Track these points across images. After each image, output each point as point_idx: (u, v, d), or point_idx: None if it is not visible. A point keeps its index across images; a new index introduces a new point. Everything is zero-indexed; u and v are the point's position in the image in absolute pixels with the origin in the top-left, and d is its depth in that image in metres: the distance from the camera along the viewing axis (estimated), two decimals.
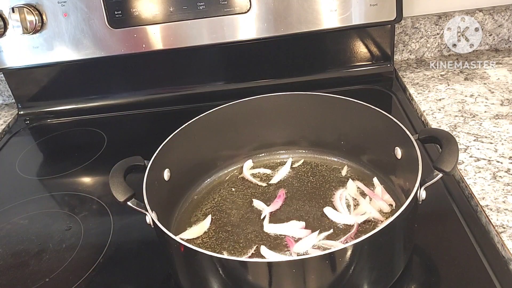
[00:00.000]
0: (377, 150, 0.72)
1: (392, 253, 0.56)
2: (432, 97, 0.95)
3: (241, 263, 0.51)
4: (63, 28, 0.93)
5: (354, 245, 0.48)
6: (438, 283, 0.58)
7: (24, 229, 0.78)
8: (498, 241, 0.61)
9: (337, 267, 0.50)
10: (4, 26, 0.92)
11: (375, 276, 0.55)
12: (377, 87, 1.04)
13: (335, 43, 1.05)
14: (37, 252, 0.72)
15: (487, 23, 1.07)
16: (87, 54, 0.96)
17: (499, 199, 0.66)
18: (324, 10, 0.93)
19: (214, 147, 0.78)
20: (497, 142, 0.78)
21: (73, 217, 0.78)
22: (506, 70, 1.00)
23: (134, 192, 0.57)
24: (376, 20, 0.95)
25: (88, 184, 0.87)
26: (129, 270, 0.67)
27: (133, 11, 0.91)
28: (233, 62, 1.07)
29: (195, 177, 0.77)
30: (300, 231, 0.66)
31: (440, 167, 0.54)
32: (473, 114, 0.87)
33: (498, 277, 0.57)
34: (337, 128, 0.77)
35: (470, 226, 0.65)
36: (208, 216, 0.71)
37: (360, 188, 0.72)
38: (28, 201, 0.84)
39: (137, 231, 0.72)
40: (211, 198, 0.75)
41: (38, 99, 1.10)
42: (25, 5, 0.90)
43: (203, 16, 0.92)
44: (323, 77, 1.07)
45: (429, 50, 1.11)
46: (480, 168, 0.73)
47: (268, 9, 0.92)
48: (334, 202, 0.70)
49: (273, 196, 0.73)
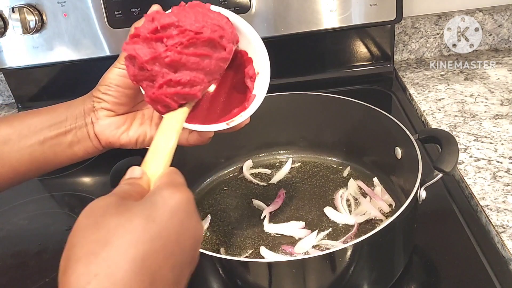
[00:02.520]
0: (377, 150, 0.72)
1: (392, 253, 0.56)
2: (432, 97, 0.95)
3: (241, 263, 0.51)
4: (63, 28, 0.93)
5: (354, 245, 0.48)
6: (438, 283, 0.59)
7: (24, 229, 0.78)
8: (498, 241, 0.61)
9: (337, 267, 0.50)
10: (4, 26, 0.92)
11: (375, 276, 0.55)
12: (377, 87, 1.04)
13: (335, 43, 1.05)
14: (37, 252, 0.72)
15: (487, 23, 1.07)
16: (87, 54, 0.96)
17: (499, 199, 0.66)
18: (324, 10, 0.93)
19: (214, 147, 0.77)
20: (497, 142, 0.78)
21: (73, 217, 0.78)
22: (506, 70, 1.00)
23: None
24: (376, 20, 0.95)
25: (88, 184, 0.87)
26: None
27: (133, 11, 0.91)
28: None
29: (195, 177, 0.77)
30: (300, 231, 0.66)
31: (440, 167, 0.54)
32: (473, 114, 0.87)
33: (498, 277, 0.57)
34: (337, 128, 0.77)
35: (470, 226, 0.65)
36: (208, 216, 0.71)
37: (361, 188, 0.72)
38: (28, 201, 0.84)
39: None
40: (211, 198, 0.75)
41: (38, 99, 1.10)
42: (25, 5, 0.89)
43: None
44: (323, 77, 1.07)
45: (429, 50, 1.11)
46: (480, 168, 0.73)
47: (268, 9, 0.92)
48: (335, 202, 0.70)
49: (273, 196, 0.73)
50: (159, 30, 0.43)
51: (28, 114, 0.52)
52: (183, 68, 0.44)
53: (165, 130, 0.44)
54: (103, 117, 0.51)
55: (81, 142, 0.52)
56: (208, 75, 0.46)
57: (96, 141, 0.52)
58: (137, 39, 0.43)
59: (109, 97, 0.50)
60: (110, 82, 0.50)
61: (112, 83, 0.50)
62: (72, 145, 0.51)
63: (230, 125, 0.49)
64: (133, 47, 0.43)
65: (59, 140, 0.51)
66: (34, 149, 0.50)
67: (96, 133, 0.52)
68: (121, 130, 0.52)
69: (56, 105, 0.53)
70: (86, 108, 0.51)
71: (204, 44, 0.45)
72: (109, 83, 0.50)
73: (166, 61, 0.43)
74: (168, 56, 0.43)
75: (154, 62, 0.43)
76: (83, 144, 0.52)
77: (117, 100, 0.50)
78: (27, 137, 0.50)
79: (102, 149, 0.53)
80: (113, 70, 0.50)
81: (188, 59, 0.44)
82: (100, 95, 0.50)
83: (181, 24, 0.43)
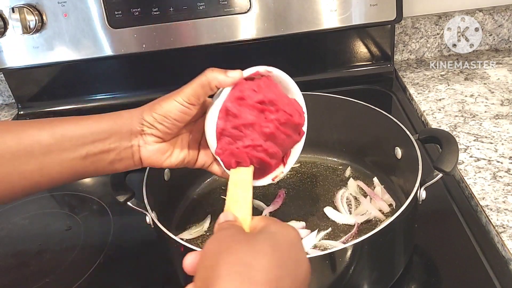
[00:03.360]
0: (377, 150, 0.72)
1: (392, 253, 0.56)
2: (432, 97, 0.95)
3: None
4: (63, 28, 0.93)
5: (354, 245, 0.48)
6: (438, 283, 0.59)
7: (24, 229, 0.78)
8: (498, 241, 0.61)
9: (337, 267, 0.50)
10: (4, 26, 0.92)
11: (375, 276, 0.55)
12: (377, 87, 1.04)
13: (335, 43, 1.05)
14: (37, 252, 0.72)
15: (487, 23, 1.07)
16: (87, 54, 0.96)
17: (499, 199, 0.66)
18: (324, 10, 0.93)
19: None
20: (497, 142, 0.78)
21: (73, 217, 0.78)
22: (506, 70, 1.00)
23: (134, 192, 0.57)
24: (376, 20, 0.95)
25: (88, 184, 0.87)
26: (129, 270, 0.67)
27: (133, 11, 0.91)
28: (233, 62, 1.07)
29: (195, 177, 0.77)
30: (300, 231, 0.66)
31: (440, 167, 0.54)
32: (473, 114, 0.87)
33: (498, 277, 0.57)
34: (337, 128, 0.77)
35: (470, 226, 0.65)
36: (208, 216, 0.71)
37: (361, 187, 0.72)
38: (28, 201, 0.84)
39: (137, 231, 0.72)
40: (211, 198, 0.75)
41: (38, 99, 1.10)
42: (25, 5, 0.89)
43: (203, 16, 0.91)
44: (323, 77, 1.07)
45: (429, 50, 1.11)
46: (480, 168, 0.73)
47: (268, 9, 0.92)
48: (335, 202, 0.70)
49: (273, 196, 0.73)
50: (265, 103, 0.50)
51: (69, 123, 0.51)
52: (273, 141, 0.51)
53: (240, 183, 0.49)
54: (152, 143, 0.52)
55: (124, 161, 0.52)
56: (283, 151, 0.54)
57: (139, 162, 0.53)
58: (242, 102, 0.49)
59: (164, 127, 0.51)
60: (168, 115, 0.50)
61: (170, 117, 0.50)
62: (113, 163, 0.52)
63: (275, 181, 0.56)
64: (238, 108, 0.49)
65: (102, 157, 0.51)
66: (76, 162, 0.50)
67: (141, 156, 0.52)
68: (165, 156, 0.53)
69: (98, 116, 0.52)
70: (134, 129, 0.51)
71: (291, 126, 0.53)
72: (167, 115, 0.50)
73: (264, 131, 0.50)
74: (268, 127, 0.50)
75: (252, 127, 0.49)
76: (125, 163, 0.52)
77: (170, 131, 0.51)
78: (69, 150, 0.49)
79: (141, 167, 0.54)
80: (173, 104, 0.50)
81: (279, 135, 0.51)
82: (154, 122, 0.51)
83: (277, 103, 0.51)
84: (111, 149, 0.51)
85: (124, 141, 0.51)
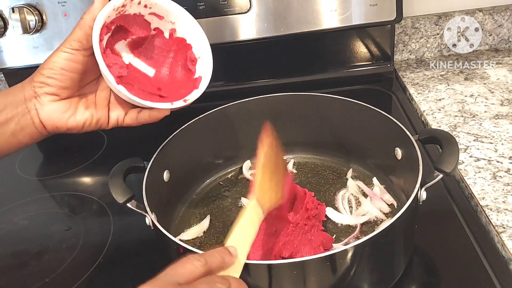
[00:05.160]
0: (377, 150, 0.72)
1: (392, 254, 0.56)
2: (432, 97, 0.94)
3: None
4: (63, 28, 0.93)
5: (354, 246, 0.48)
6: (439, 283, 0.59)
7: (24, 229, 0.78)
8: (498, 241, 0.61)
9: (338, 268, 0.50)
10: (4, 26, 0.92)
11: (376, 277, 0.55)
12: (377, 87, 1.04)
13: (335, 43, 1.05)
14: (37, 252, 0.72)
15: (487, 23, 1.07)
16: None
17: (499, 199, 0.66)
18: (324, 10, 0.93)
19: (214, 147, 0.78)
20: (497, 142, 0.78)
21: (73, 217, 0.78)
22: (506, 70, 1.00)
23: (133, 193, 0.57)
24: (376, 20, 0.95)
25: (88, 184, 0.87)
26: (129, 270, 0.67)
27: None
28: (233, 62, 1.07)
29: (195, 178, 0.77)
30: None
31: (440, 168, 0.54)
32: (473, 114, 0.87)
33: (498, 277, 0.57)
34: (337, 128, 0.77)
35: (470, 226, 0.65)
36: (207, 216, 0.71)
37: (361, 188, 0.72)
38: (28, 201, 0.84)
39: (136, 231, 0.72)
40: (210, 198, 0.75)
41: None
42: (25, 5, 0.89)
43: (203, 16, 0.91)
44: (323, 77, 1.07)
45: (429, 50, 1.11)
46: (480, 168, 0.73)
47: (268, 9, 0.92)
48: (336, 203, 0.70)
49: None
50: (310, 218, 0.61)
51: None
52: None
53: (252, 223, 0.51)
54: (48, 102, 0.51)
55: (25, 129, 0.51)
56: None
57: (41, 127, 0.52)
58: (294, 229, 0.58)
59: (54, 80, 0.50)
60: (55, 66, 0.50)
61: (57, 67, 0.50)
62: (15, 134, 0.51)
63: (187, 102, 0.57)
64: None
65: (1, 130, 0.50)
66: None
67: (41, 119, 0.51)
68: (67, 115, 0.52)
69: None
70: (27, 94, 0.51)
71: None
72: (53, 66, 0.50)
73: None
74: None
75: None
76: (27, 131, 0.52)
77: (62, 83, 0.50)
78: None
79: (47, 134, 0.53)
80: (58, 54, 0.50)
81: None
82: (43, 79, 0.50)
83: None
84: (8, 119, 0.51)
85: (20, 108, 0.51)
